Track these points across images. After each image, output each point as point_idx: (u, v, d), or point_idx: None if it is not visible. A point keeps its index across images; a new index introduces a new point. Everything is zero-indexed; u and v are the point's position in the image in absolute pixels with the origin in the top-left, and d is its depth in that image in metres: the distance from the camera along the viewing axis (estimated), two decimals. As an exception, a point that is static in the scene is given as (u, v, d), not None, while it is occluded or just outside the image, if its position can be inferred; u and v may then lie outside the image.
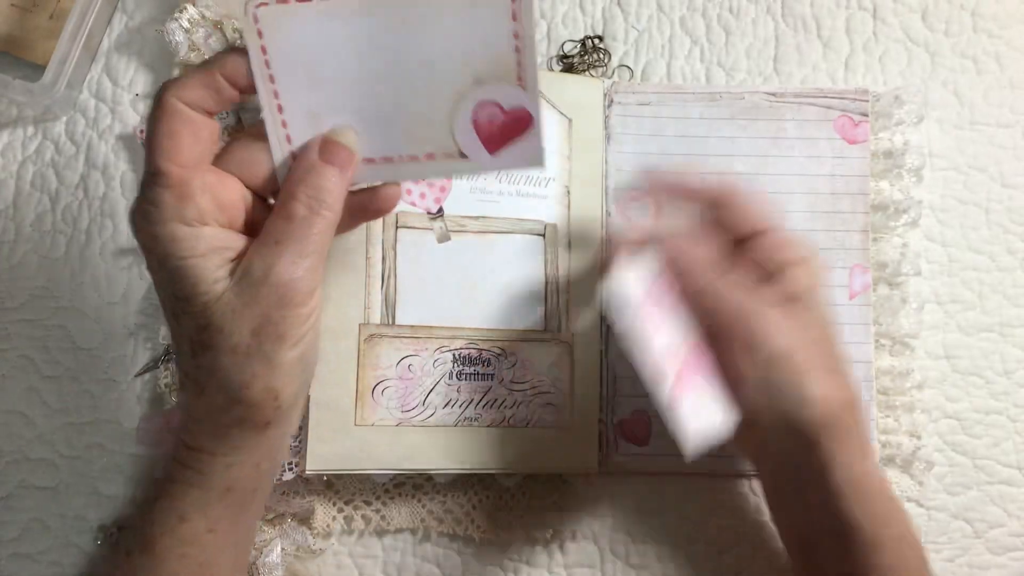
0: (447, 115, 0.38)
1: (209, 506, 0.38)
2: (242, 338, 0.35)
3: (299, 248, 0.36)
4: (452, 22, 0.36)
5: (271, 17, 0.35)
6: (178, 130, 0.35)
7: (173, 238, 0.35)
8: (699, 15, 0.57)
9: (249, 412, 0.37)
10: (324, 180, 0.37)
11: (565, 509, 0.52)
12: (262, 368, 0.36)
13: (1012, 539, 0.53)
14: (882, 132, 0.55)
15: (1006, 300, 0.55)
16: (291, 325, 0.36)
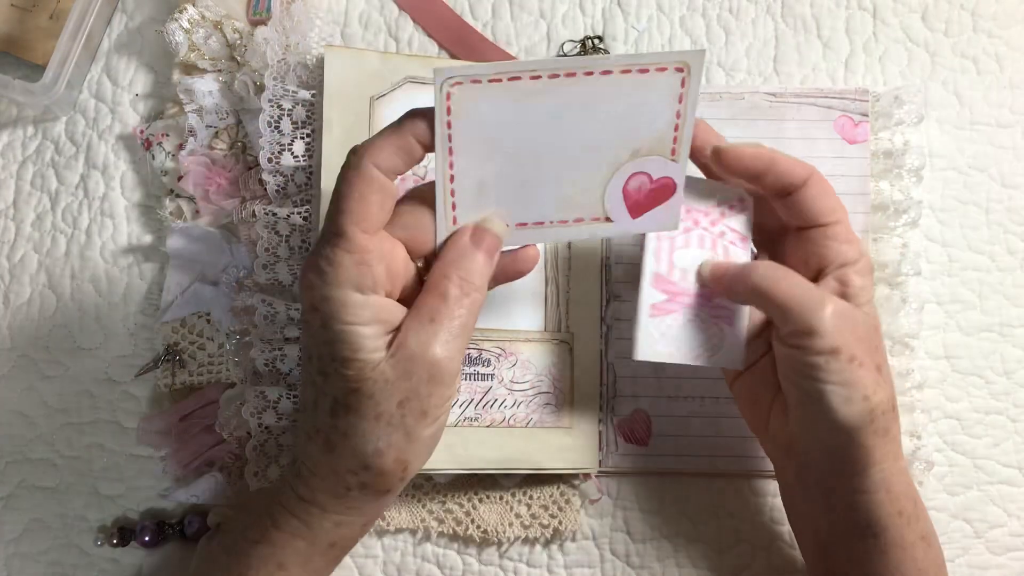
0: (602, 185, 0.41)
1: (311, 560, 0.40)
2: (388, 408, 0.37)
3: (452, 327, 0.37)
4: (622, 103, 0.39)
5: (460, 93, 0.36)
6: (369, 195, 0.36)
7: (344, 303, 0.36)
8: (699, 15, 0.57)
9: (375, 479, 0.38)
10: (474, 263, 0.38)
11: (565, 509, 0.52)
12: (400, 440, 0.37)
13: (1012, 539, 0.53)
14: (882, 132, 0.55)
15: (1006, 300, 0.55)
16: (435, 403, 0.37)
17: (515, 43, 0.57)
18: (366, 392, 0.36)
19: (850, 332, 0.40)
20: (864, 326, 0.41)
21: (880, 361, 0.41)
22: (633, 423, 0.52)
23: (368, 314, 0.36)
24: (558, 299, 0.52)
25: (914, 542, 0.42)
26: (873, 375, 0.40)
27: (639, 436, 0.52)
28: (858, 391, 0.39)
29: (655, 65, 0.38)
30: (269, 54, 0.52)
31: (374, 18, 0.57)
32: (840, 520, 0.43)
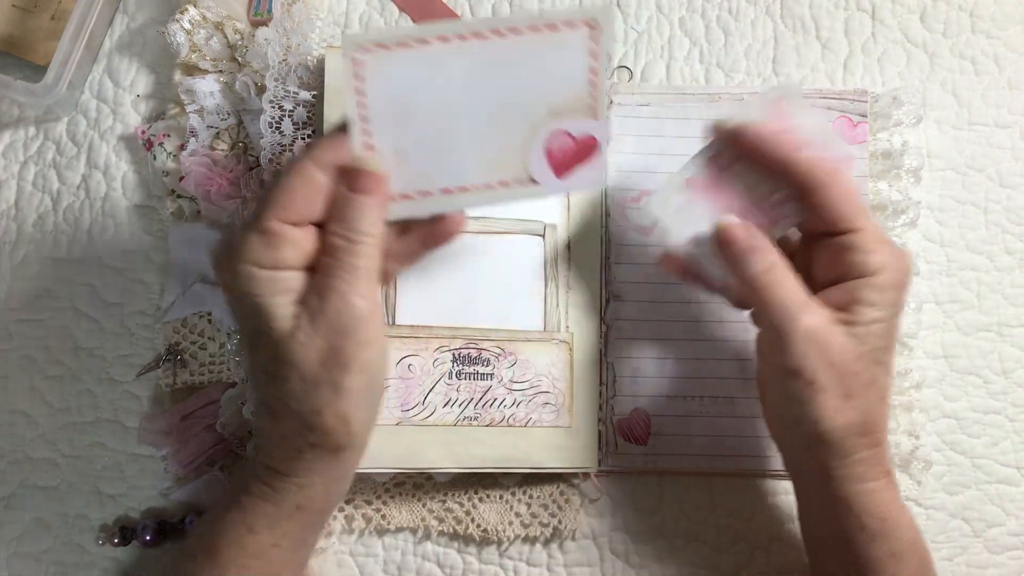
0: (523, 146, 0.41)
1: (278, 523, 0.40)
2: (311, 368, 0.37)
3: (347, 278, 0.38)
4: (534, 62, 0.39)
5: (371, 63, 0.37)
6: (298, 192, 0.38)
7: (251, 277, 0.38)
8: (698, 16, 0.58)
9: (322, 438, 0.38)
10: (354, 210, 0.38)
11: (565, 509, 0.52)
12: (331, 395, 0.38)
13: (1010, 538, 0.53)
14: (880, 133, 0.55)
15: (1004, 300, 0.55)
16: (355, 353, 0.38)
17: (515, 44, 0.57)
18: (287, 358, 0.37)
19: (817, 356, 0.39)
20: (840, 351, 0.40)
21: (853, 388, 0.40)
22: (632, 423, 0.53)
23: (277, 286, 0.38)
24: (558, 299, 0.52)
25: (880, 558, 0.42)
26: (835, 401, 0.40)
27: (638, 436, 0.52)
28: (810, 415, 0.40)
29: (563, 22, 0.38)
30: (270, 55, 0.52)
31: (375, 19, 0.57)
32: (818, 522, 0.44)
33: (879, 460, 0.42)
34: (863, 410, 0.41)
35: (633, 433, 0.52)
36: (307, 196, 0.38)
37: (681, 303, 0.53)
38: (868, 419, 0.41)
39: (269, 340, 0.38)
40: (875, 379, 0.41)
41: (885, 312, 0.41)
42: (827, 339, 0.40)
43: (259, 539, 0.40)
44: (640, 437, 0.52)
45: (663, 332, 0.53)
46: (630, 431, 0.52)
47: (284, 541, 0.41)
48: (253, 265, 0.38)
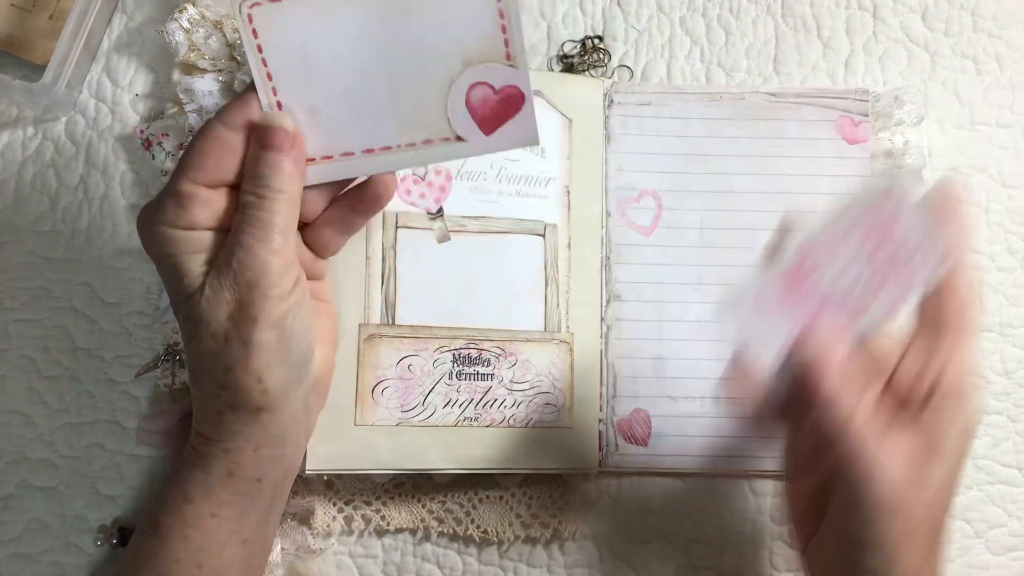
0: (441, 100, 0.39)
1: (211, 489, 0.40)
2: (220, 324, 0.37)
3: (256, 233, 0.37)
4: (439, 5, 0.37)
5: (264, 16, 0.36)
6: (208, 154, 0.38)
7: (164, 238, 0.38)
8: (699, 15, 0.57)
9: (236, 397, 0.38)
10: (264, 166, 0.38)
11: (565, 509, 0.52)
12: (240, 351, 0.37)
13: (1012, 539, 0.53)
14: (882, 132, 0.55)
15: (1006, 300, 0.55)
16: (263, 307, 0.37)
17: (515, 43, 0.57)
18: (198, 316, 0.37)
19: (900, 524, 0.37)
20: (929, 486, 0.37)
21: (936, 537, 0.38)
22: (633, 423, 0.52)
23: (190, 245, 0.38)
24: (558, 299, 0.52)
25: None
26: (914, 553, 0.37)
27: (639, 436, 0.52)
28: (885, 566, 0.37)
29: None
30: (269, 54, 0.52)
31: (374, 18, 0.57)
32: None
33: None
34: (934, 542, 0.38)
35: (633, 433, 0.52)
36: (217, 157, 0.38)
37: (681, 303, 0.53)
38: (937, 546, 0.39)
39: (183, 299, 0.38)
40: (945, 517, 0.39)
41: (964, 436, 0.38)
42: (922, 472, 0.37)
43: (196, 508, 0.40)
44: (640, 437, 0.52)
45: (663, 332, 0.53)
46: (630, 431, 0.52)
47: (222, 511, 0.40)
48: (167, 226, 0.38)
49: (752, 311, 0.39)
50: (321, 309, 0.45)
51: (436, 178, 0.51)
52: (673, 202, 0.54)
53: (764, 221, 0.53)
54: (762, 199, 0.54)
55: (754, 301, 0.40)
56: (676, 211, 0.54)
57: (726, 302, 0.40)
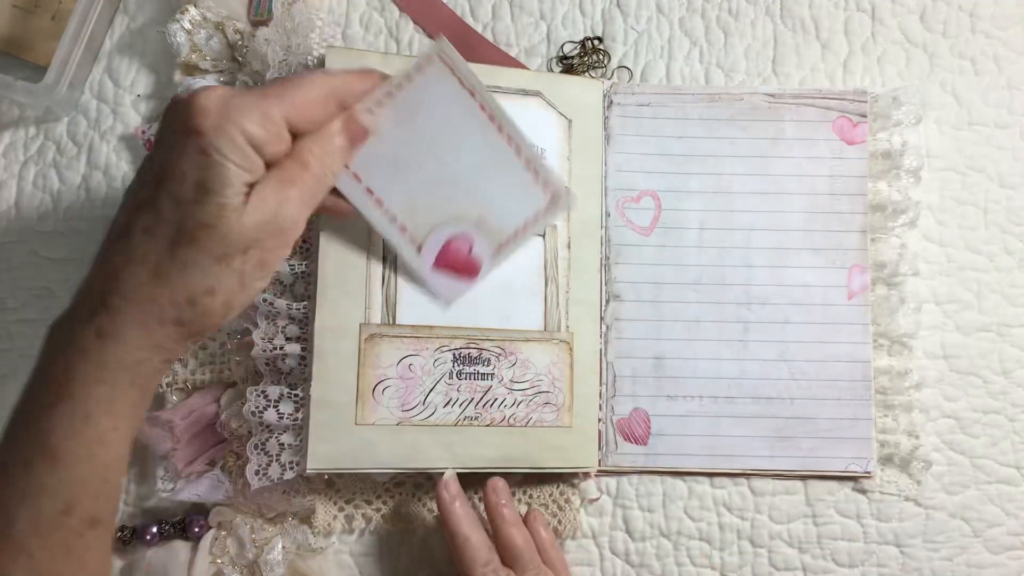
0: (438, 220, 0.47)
1: (114, 402, 0.37)
2: (233, 251, 0.38)
3: (305, 195, 0.40)
4: (505, 179, 0.47)
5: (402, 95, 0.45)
6: (313, 104, 0.40)
7: (234, 142, 0.37)
8: (698, 16, 0.58)
9: (197, 317, 0.38)
10: (336, 145, 0.42)
11: (565, 508, 0.52)
12: (234, 284, 0.38)
13: (1010, 538, 0.53)
14: (880, 133, 0.55)
15: (1004, 300, 0.55)
16: (274, 258, 0.39)
17: (515, 44, 0.57)
18: (220, 230, 0.37)
19: None
20: None
21: None
22: (632, 422, 0.53)
23: (249, 163, 0.38)
24: (558, 299, 0.52)
25: None
26: None
27: (638, 435, 0.53)
28: None
29: (538, 174, 0.48)
30: (270, 55, 0.52)
31: (375, 19, 0.57)
32: None
33: None
34: None
35: (633, 433, 0.52)
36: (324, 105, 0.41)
37: (681, 303, 0.53)
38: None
39: (210, 204, 0.37)
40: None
41: None
42: None
43: (98, 426, 0.37)
44: (640, 437, 0.53)
45: (662, 332, 0.53)
46: (630, 431, 0.52)
47: (122, 423, 0.38)
48: (242, 134, 0.37)
49: None
50: None
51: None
52: (672, 202, 0.54)
53: (762, 221, 0.54)
54: (760, 199, 0.54)
55: None
56: (675, 211, 0.54)
57: None
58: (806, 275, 0.53)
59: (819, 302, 0.53)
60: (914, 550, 0.53)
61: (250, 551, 0.50)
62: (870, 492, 0.53)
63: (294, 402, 0.49)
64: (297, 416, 0.49)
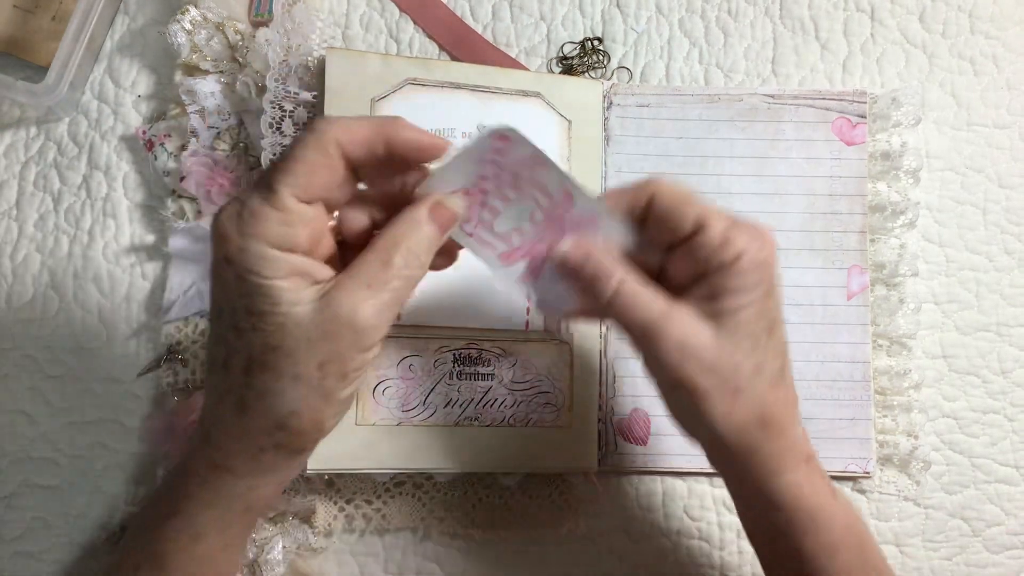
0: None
1: (228, 526, 0.38)
2: (308, 368, 0.35)
3: (387, 296, 0.36)
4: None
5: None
6: (316, 163, 0.35)
7: (263, 256, 0.34)
8: (698, 17, 0.58)
9: (291, 439, 0.36)
10: (424, 237, 0.37)
11: (565, 509, 0.52)
12: (318, 401, 0.35)
13: (1009, 537, 0.53)
14: (880, 134, 0.55)
15: (1003, 300, 0.55)
16: (356, 366, 0.36)
17: (515, 45, 0.57)
18: (285, 349, 0.35)
19: (692, 363, 0.37)
20: (713, 350, 0.37)
21: (739, 382, 0.38)
22: (632, 423, 0.53)
23: (287, 269, 0.35)
24: (558, 299, 0.52)
25: (813, 550, 0.40)
26: (722, 405, 0.38)
27: (638, 435, 0.53)
28: (703, 422, 0.38)
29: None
30: (271, 56, 0.52)
31: (375, 20, 0.57)
32: (744, 520, 0.43)
33: (791, 448, 0.39)
34: (756, 403, 0.38)
35: (633, 433, 0.53)
36: (327, 176, 0.36)
37: (681, 303, 0.53)
38: (764, 411, 0.38)
39: (270, 325, 0.34)
40: (761, 366, 0.38)
41: (753, 295, 0.38)
42: (697, 342, 0.37)
43: (208, 545, 0.38)
44: (640, 437, 0.53)
45: (663, 332, 0.53)
46: (630, 431, 0.53)
47: (233, 542, 0.39)
48: (267, 245, 0.34)
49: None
50: None
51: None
52: (672, 203, 0.54)
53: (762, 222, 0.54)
54: (760, 200, 0.54)
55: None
56: (675, 212, 0.54)
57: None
58: (805, 275, 0.53)
59: (818, 302, 0.53)
60: (913, 550, 0.53)
61: (250, 551, 0.50)
62: (869, 492, 0.53)
63: (294, 402, 0.49)
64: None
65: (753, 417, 0.38)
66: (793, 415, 0.40)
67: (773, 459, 0.39)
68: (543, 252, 0.40)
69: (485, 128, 0.38)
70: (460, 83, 0.52)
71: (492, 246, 0.41)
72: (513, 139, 0.38)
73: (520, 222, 0.40)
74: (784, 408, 0.39)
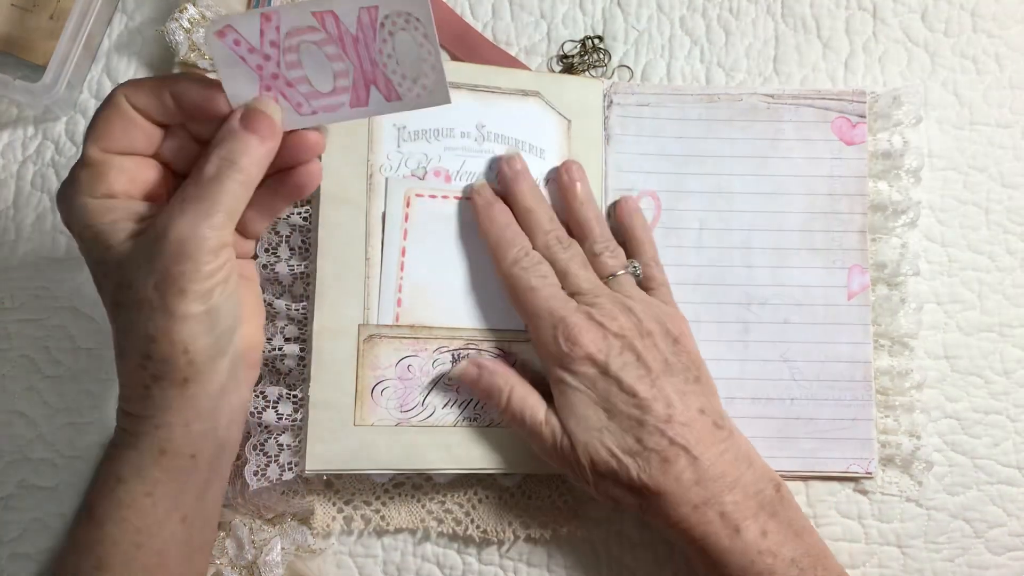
0: None
1: (144, 469, 0.40)
2: (146, 292, 0.37)
3: (202, 207, 0.37)
4: None
5: None
6: (112, 121, 0.39)
7: (84, 208, 0.38)
8: (699, 15, 0.57)
9: (161, 368, 0.38)
10: (239, 143, 0.38)
11: (565, 509, 0.52)
12: (165, 321, 0.37)
13: (1012, 539, 0.53)
14: (881, 133, 0.55)
15: (1006, 300, 0.55)
16: (192, 280, 0.37)
17: (515, 43, 0.57)
18: (125, 281, 0.37)
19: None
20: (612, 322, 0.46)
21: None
22: (632, 423, 0.52)
23: (110, 213, 0.38)
24: (558, 299, 0.52)
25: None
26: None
27: (638, 436, 0.52)
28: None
29: None
30: (269, 54, 0.52)
31: (374, 18, 0.57)
32: None
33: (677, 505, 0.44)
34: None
35: (633, 434, 0.52)
36: (124, 128, 0.39)
37: (681, 303, 0.53)
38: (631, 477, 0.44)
39: (107, 268, 0.38)
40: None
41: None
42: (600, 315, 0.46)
43: (129, 488, 0.40)
44: (640, 438, 0.52)
45: (663, 332, 0.53)
46: (630, 432, 0.52)
47: (157, 489, 0.40)
48: (86, 196, 0.38)
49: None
50: (247, 285, 0.45)
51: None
52: (671, 202, 0.54)
53: (762, 222, 0.53)
54: (760, 200, 0.54)
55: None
56: (674, 211, 0.54)
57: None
58: (806, 275, 0.53)
59: (819, 302, 0.53)
60: (915, 551, 0.53)
61: (249, 552, 0.50)
62: (871, 493, 0.53)
63: (293, 403, 0.49)
64: (296, 417, 0.49)
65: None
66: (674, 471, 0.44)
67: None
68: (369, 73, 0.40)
69: (209, 30, 0.39)
70: (459, 82, 0.52)
71: (337, 102, 0.41)
72: (241, 22, 0.38)
73: (325, 70, 0.40)
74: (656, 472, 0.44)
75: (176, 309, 0.37)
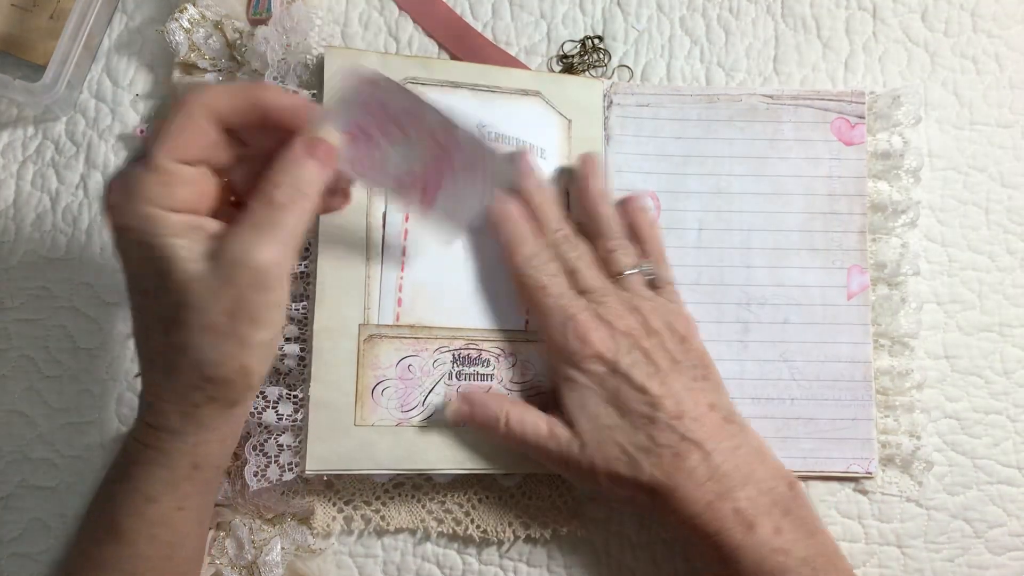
0: None
1: (177, 485, 0.40)
2: (217, 317, 0.36)
3: (277, 234, 0.37)
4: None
5: None
6: (187, 129, 0.37)
7: (152, 217, 0.36)
8: (699, 15, 0.57)
9: (220, 391, 0.38)
10: (305, 171, 0.38)
11: (564, 509, 0.52)
12: (235, 348, 0.37)
13: (1012, 539, 0.53)
14: (880, 133, 0.55)
15: (1006, 300, 0.55)
16: (264, 308, 0.37)
17: (515, 43, 0.57)
18: (191, 304, 0.36)
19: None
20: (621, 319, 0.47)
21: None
22: (632, 423, 0.52)
23: (176, 226, 0.36)
24: (558, 299, 0.52)
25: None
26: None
27: (638, 436, 0.52)
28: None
29: None
30: (269, 54, 0.52)
31: (374, 18, 0.57)
32: None
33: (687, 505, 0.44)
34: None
35: (633, 434, 0.52)
36: (199, 140, 0.38)
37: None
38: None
39: (172, 283, 0.36)
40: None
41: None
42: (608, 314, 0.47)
43: (161, 506, 0.40)
44: (640, 438, 0.52)
45: (663, 332, 0.53)
46: (630, 431, 0.52)
47: (187, 502, 0.40)
48: (152, 205, 0.36)
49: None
50: None
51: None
52: (671, 203, 0.54)
53: (761, 222, 0.53)
54: (759, 200, 0.54)
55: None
56: (674, 212, 0.54)
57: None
58: (805, 275, 0.53)
59: (818, 302, 0.53)
60: (915, 551, 0.53)
61: (249, 552, 0.50)
62: (871, 493, 0.53)
63: (293, 403, 0.49)
64: (296, 417, 0.49)
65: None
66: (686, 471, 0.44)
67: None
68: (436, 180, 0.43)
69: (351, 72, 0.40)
70: (459, 82, 0.52)
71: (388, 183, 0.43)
72: (383, 84, 0.40)
73: (411, 162, 0.42)
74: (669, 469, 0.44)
75: (248, 337, 0.37)
